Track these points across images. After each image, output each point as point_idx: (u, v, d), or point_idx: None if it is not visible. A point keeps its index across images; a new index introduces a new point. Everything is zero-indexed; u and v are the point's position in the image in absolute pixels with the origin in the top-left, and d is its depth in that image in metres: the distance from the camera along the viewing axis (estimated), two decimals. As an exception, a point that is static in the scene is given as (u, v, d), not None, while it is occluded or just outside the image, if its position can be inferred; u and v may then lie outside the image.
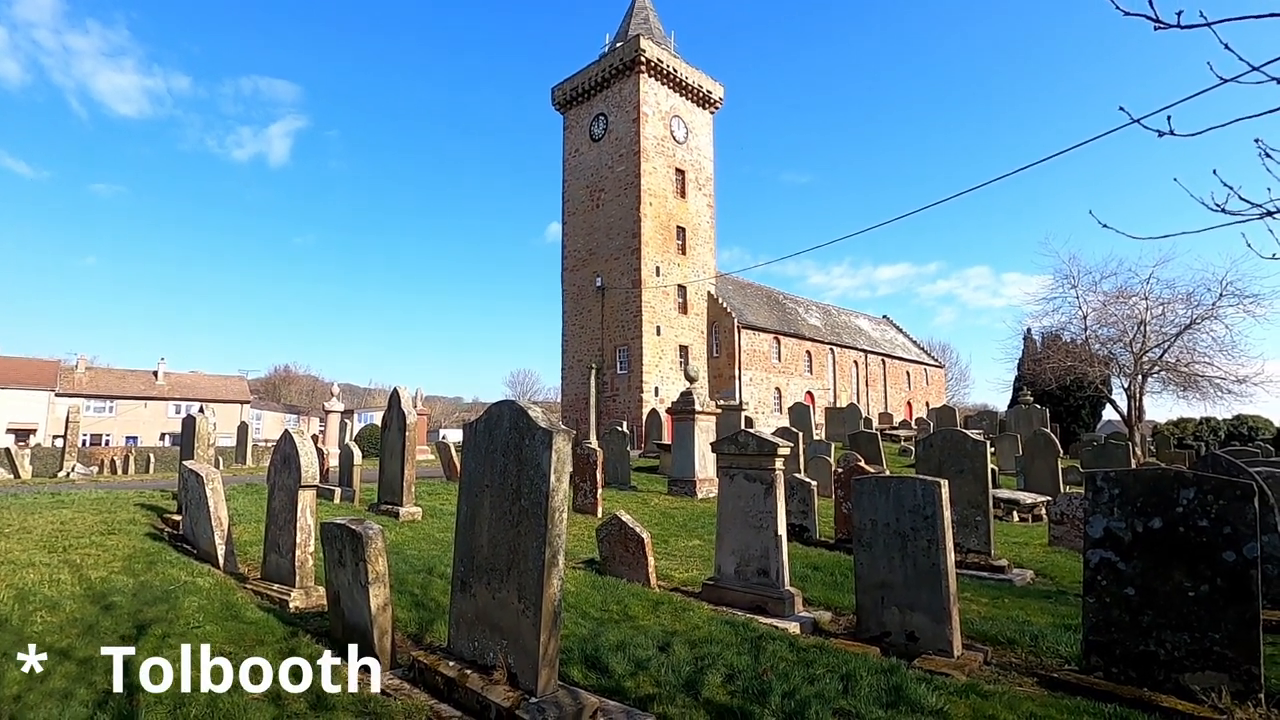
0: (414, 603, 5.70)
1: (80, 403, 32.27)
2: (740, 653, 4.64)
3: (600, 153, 40.99)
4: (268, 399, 75.52)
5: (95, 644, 4.51)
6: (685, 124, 41.71)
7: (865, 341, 53.77)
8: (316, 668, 4.25)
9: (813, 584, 7.01)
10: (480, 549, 3.97)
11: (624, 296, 38.79)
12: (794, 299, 52.78)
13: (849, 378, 50.00)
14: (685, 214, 41.14)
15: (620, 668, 4.38)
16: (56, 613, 5.08)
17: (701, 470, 14.42)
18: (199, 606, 5.29)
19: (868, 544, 5.41)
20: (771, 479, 6.16)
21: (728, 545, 6.40)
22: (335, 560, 4.71)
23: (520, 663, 3.64)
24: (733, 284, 45.88)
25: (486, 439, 4.03)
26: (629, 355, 38.65)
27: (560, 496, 3.63)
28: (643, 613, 5.65)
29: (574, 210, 42.38)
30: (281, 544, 6.11)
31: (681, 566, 7.84)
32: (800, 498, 9.99)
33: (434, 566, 6.78)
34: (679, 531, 10.21)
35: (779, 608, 5.86)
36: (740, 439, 6.40)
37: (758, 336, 42.44)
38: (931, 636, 4.98)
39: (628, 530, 6.91)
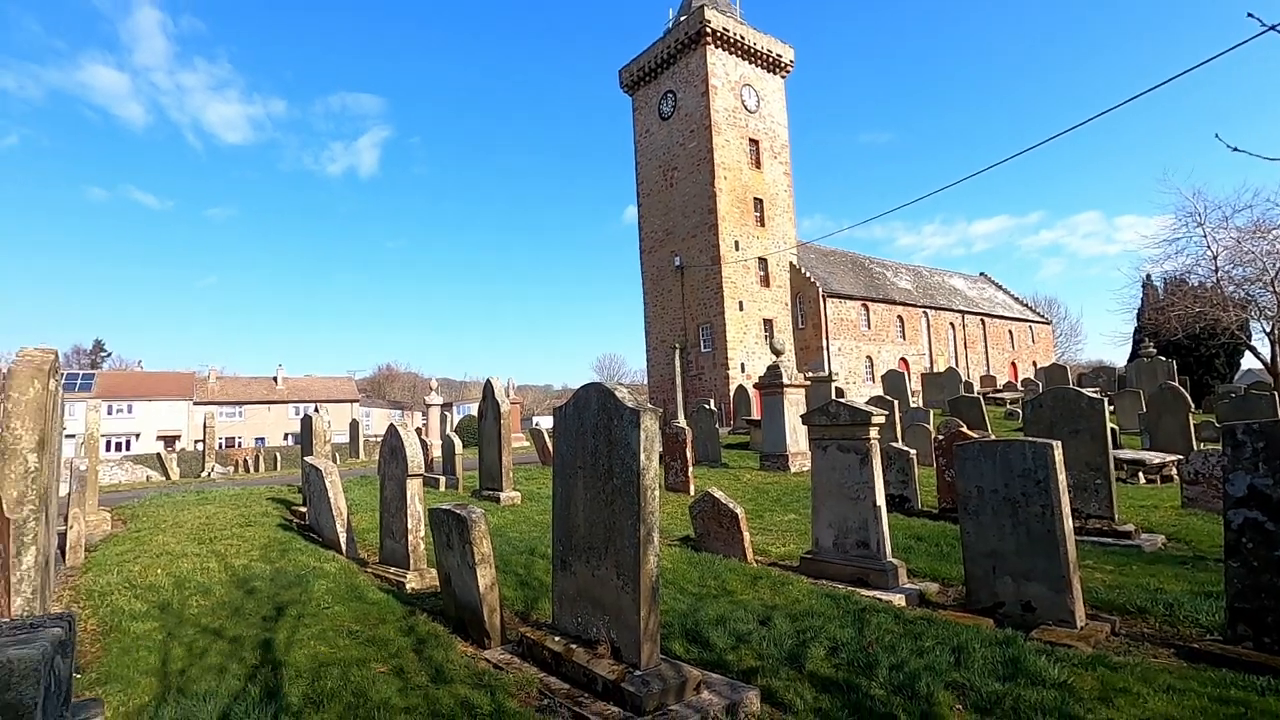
0: (519, 582, 5.95)
1: (214, 410, 35.47)
2: (843, 625, 4.56)
3: (671, 131, 40.60)
4: (374, 397, 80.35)
5: (242, 624, 4.99)
6: (756, 92, 40.61)
7: (961, 302, 50.95)
8: (434, 643, 4.53)
9: (916, 555, 6.78)
10: (577, 528, 4.08)
11: (704, 274, 38.48)
12: (881, 263, 50.66)
13: (945, 341, 47.62)
14: (761, 185, 40.20)
15: (721, 642, 4.41)
16: (208, 597, 5.64)
17: (793, 444, 14.19)
18: (327, 589, 5.73)
19: (974, 512, 5.16)
20: (867, 449, 5.98)
21: (824, 518, 6.28)
22: (444, 543, 4.98)
23: (622, 637, 3.73)
24: (815, 253, 44.55)
25: (576, 421, 4.12)
26: (712, 333, 38.38)
27: (651, 474, 3.67)
28: (741, 588, 5.64)
29: (648, 191, 42.30)
30: (395, 530, 6.51)
31: (778, 541, 7.76)
32: (899, 467, 9.65)
33: (535, 548, 7.03)
34: (773, 506, 10.11)
35: (881, 580, 5.71)
36: (832, 409, 6.24)
37: (844, 305, 41.09)
38: (1050, 607, 4.71)
39: (721, 506, 6.91)
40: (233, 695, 3.77)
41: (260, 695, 3.77)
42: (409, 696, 3.75)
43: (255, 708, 3.59)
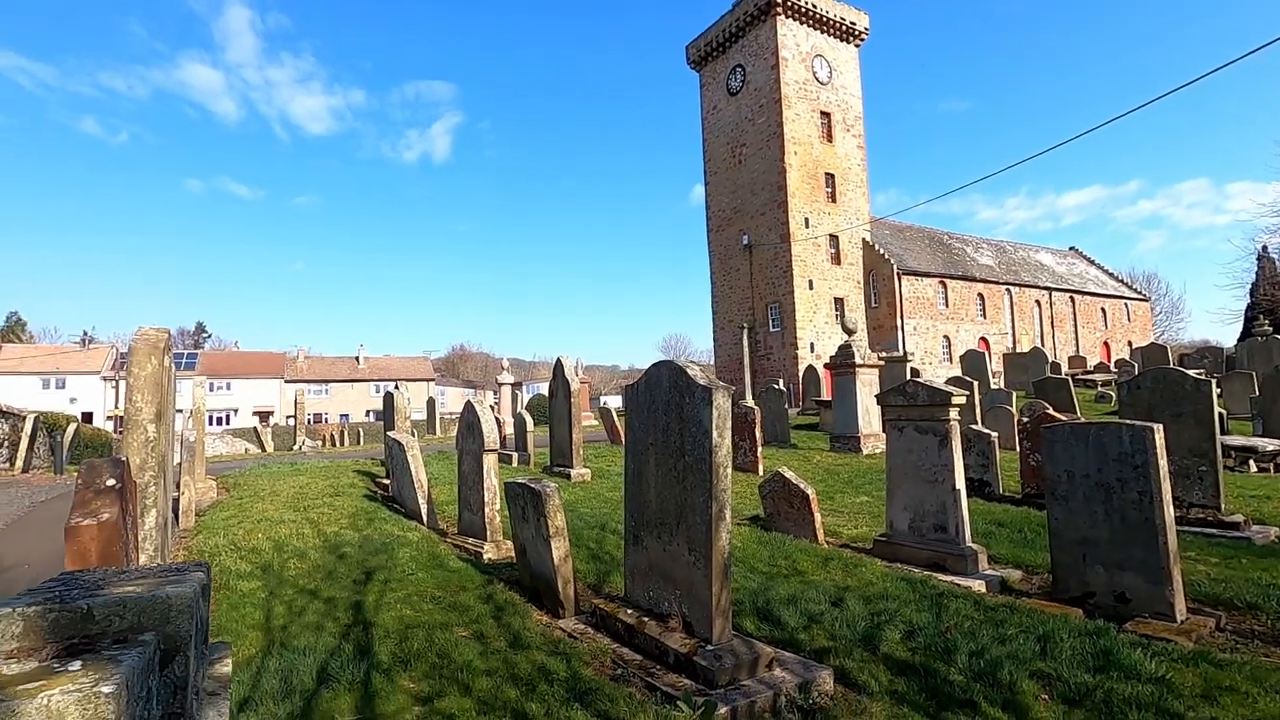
0: (590, 555, 6.09)
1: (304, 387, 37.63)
2: (920, 610, 4.46)
3: (739, 106, 39.79)
4: (448, 376, 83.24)
5: (335, 586, 5.32)
6: (828, 62, 39.22)
7: (1048, 278, 48.10)
8: (511, 611, 4.71)
9: (997, 541, 6.52)
10: (649, 504, 4.13)
11: (772, 252, 37.77)
12: (961, 238, 48.35)
13: (1030, 319, 45.16)
14: (833, 159, 38.95)
15: (792, 620, 4.39)
16: (304, 560, 6.04)
17: (865, 425, 13.85)
18: (410, 557, 6.03)
19: (1063, 497, 4.92)
20: (946, 430, 5.77)
21: (899, 500, 6.12)
22: (519, 516, 5.14)
23: (694, 612, 3.77)
24: (889, 229, 42.93)
25: (648, 399, 4.15)
26: (781, 312, 37.72)
27: (724, 452, 3.67)
28: (812, 568, 5.59)
29: (716, 169, 41.70)
30: (472, 502, 6.77)
31: (850, 523, 7.63)
32: (979, 450, 9.27)
33: (606, 523, 7.16)
34: (844, 488, 9.93)
35: (960, 565, 5.53)
36: (909, 389, 6.05)
37: (920, 282, 39.51)
38: (1146, 598, 4.46)
39: (792, 487, 6.84)
40: (329, 651, 4.04)
41: (353, 652, 4.02)
42: (489, 660, 3.92)
43: (350, 663, 3.84)
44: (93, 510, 2.40)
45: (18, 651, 1.01)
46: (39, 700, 0.87)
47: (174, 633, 1.14)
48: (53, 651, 1.00)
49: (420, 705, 3.43)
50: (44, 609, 1.07)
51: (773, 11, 37.06)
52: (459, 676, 3.69)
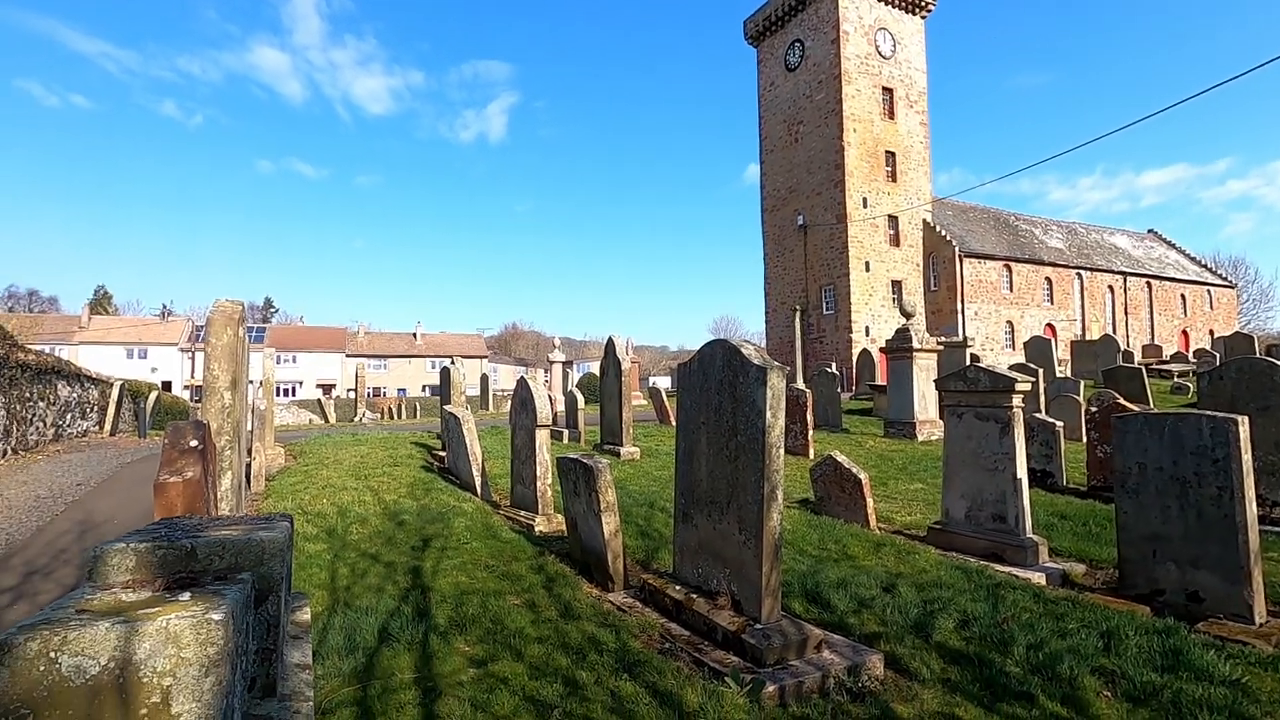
0: (639, 532, 6.16)
1: (364, 362, 38.95)
2: (975, 599, 4.36)
3: (797, 82, 38.79)
4: (501, 353, 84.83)
5: (394, 552, 5.54)
6: (892, 35, 37.78)
7: (1123, 262, 45.62)
8: (562, 583, 4.81)
9: (1059, 534, 6.30)
10: (699, 483, 4.14)
11: (828, 233, 36.93)
12: (1029, 219, 46.23)
13: (1101, 305, 43.02)
14: (894, 137, 37.66)
15: (842, 604, 4.36)
16: (365, 526, 6.30)
17: (921, 411, 13.50)
18: (465, 526, 6.22)
19: (1133, 490, 4.71)
20: (1008, 417, 5.58)
21: (956, 488, 5.97)
22: (571, 491, 5.23)
23: (743, 591, 3.78)
24: (952, 209, 41.37)
25: (700, 378, 4.14)
26: (835, 294, 36.95)
27: (777, 432, 3.64)
28: (863, 553, 5.52)
29: (771, 148, 40.88)
30: (525, 476, 6.92)
31: (903, 510, 7.49)
32: (1042, 440, 8.94)
33: (655, 501, 7.22)
34: (898, 474, 9.73)
35: (1019, 556, 5.37)
36: (970, 374, 5.86)
37: (983, 265, 38.05)
38: (1222, 598, 4.24)
39: (844, 471, 6.75)
40: (389, 612, 4.22)
41: (412, 614, 4.19)
42: (541, 628, 4.02)
43: (409, 624, 4.00)
44: (178, 469, 2.56)
45: (132, 582, 1.11)
46: (159, 623, 0.97)
47: (267, 574, 1.23)
48: (163, 584, 1.10)
49: (475, 668, 3.55)
50: (153, 545, 1.17)
51: (835, -17, 35.84)
52: (512, 643, 3.81)
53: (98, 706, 0.91)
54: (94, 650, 0.91)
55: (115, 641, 0.93)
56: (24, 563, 6.13)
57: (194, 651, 0.94)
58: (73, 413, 17.22)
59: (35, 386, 14.39)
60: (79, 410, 17.79)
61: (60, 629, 0.92)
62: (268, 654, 1.23)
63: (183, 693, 0.96)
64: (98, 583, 1.12)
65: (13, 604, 5.10)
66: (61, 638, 0.91)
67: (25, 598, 5.22)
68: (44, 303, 79.24)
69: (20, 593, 5.34)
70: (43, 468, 11.70)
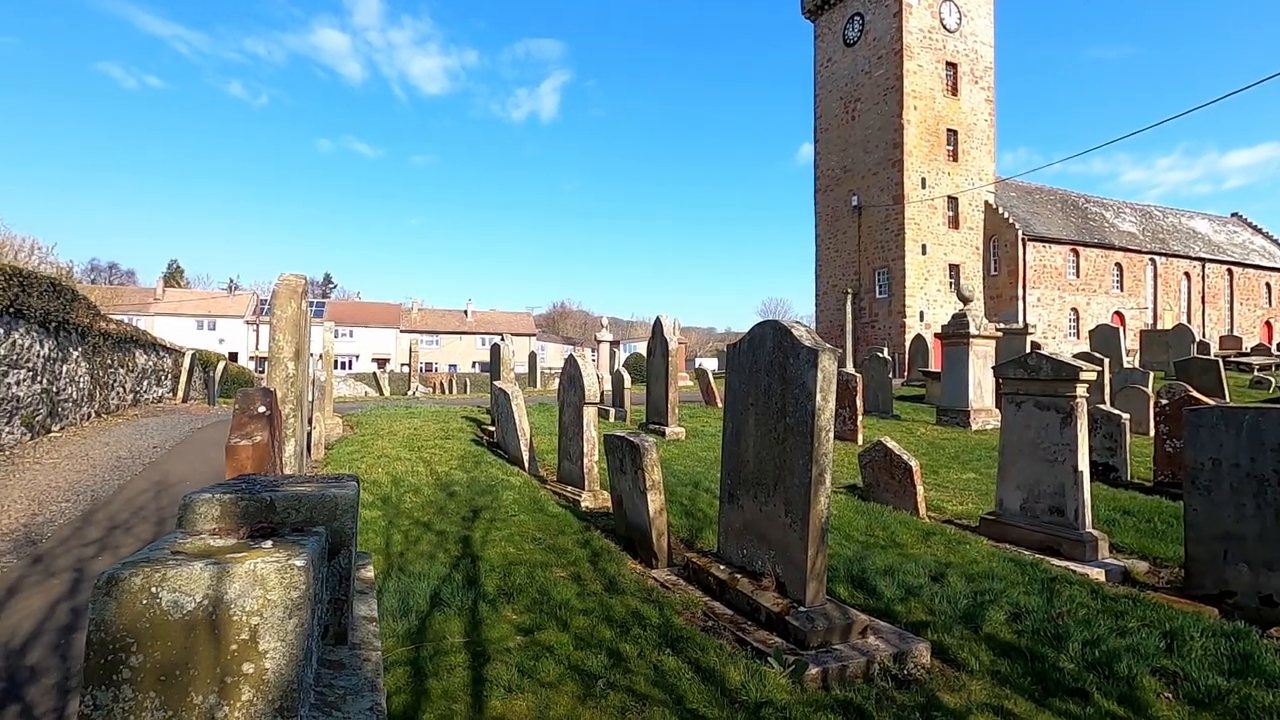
0: (683, 511, 6.19)
1: (417, 337, 40.02)
2: (1028, 593, 4.24)
3: (855, 58, 37.57)
4: (549, 332, 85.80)
5: (445, 521, 5.71)
6: (958, 7, 36.16)
7: (1202, 247, 43.02)
8: (606, 558, 4.89)
9: (1121, 529, 6.06)
10: (746, 464, 4.13)
11: (883, 214, 35.89)
12: (1099, 202, 43.95)
13: (1176, 293, 40.75)
14: (957, 114, 36.20)
15: (889, 591, 4.30)
16: (418, 496, 6.51)
17: (976, 399, 13.10)
18: (513, 499, 6.36)
19: (1205, 487, 4.49)
20: (1070, 407, 5.37)
21: (1012, 478, 5.79)
22: (617, 468, 5.28)
23: (788, 573, 3.77)
24: (1016, 190, 39.64)
25: (750, 358, 4.11)
26: (889, 277, 35.99)
27: (826, 415, 3.60)
28: (911, 541, 5.43)
29: (826, 126, 39.82)
30: (572, 452, 7.02)
31: (954, 499, 7.32)
32: (1105, 432, 8.58)
33: (699, 481, 7.24)
34: (950, 463, 9.50)
35: (1077, 551, 5.20)
36: (1031, 361, 5.65)
37: (1048, 249, 36.44)
38: (1299, 604, 4.03)
39: (894, 457, 6.62)
40: (440, 579, 4.37)
41: (462, 581, 4.33)
42: (585, 600, 4.11)
43: (459, 591, 4.14)
44: (247, 433, 2.70)
45: (218, 530, 1.20)
46: (246, 566, 1.05)
47: (339, 529, 1.31)
48: (246, 533, 1.18)
49: (522, 635, 3.65)
50: (236, 497, 1.26)
51: (899, -48, 34.42)
52: (557, 613, 3.90)
53: (193, 640, 0.98)
54: (190, 587, 0.99)
55: (209, 580, 1.00)
56: (107, 518, 6.57)
57: (279, 594, 1.01)
58: (149, 379, 18.23)
59: (116, 354, 15.26)
60: (154, 377, 18.81)
61: (160, 566, 1.00)
62: (339, 604, 1.31)
63: (269, 632, 1.03)
64: (187, 529, 1.21)
65: (97, 555, 5.47)
66: (161, 574, 0.99)
67: (109, 549, 5.60)
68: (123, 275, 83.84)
69: (104, 545, 5.73)
70: (122, 430, 12.45)
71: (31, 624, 4.19)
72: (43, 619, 4.26)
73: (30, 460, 9.26)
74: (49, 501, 7.16)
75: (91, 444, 10.76)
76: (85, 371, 13.18)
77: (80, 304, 13.09)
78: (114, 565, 1.02)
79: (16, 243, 27.29)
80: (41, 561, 5.33)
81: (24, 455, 9.54)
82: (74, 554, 5.50)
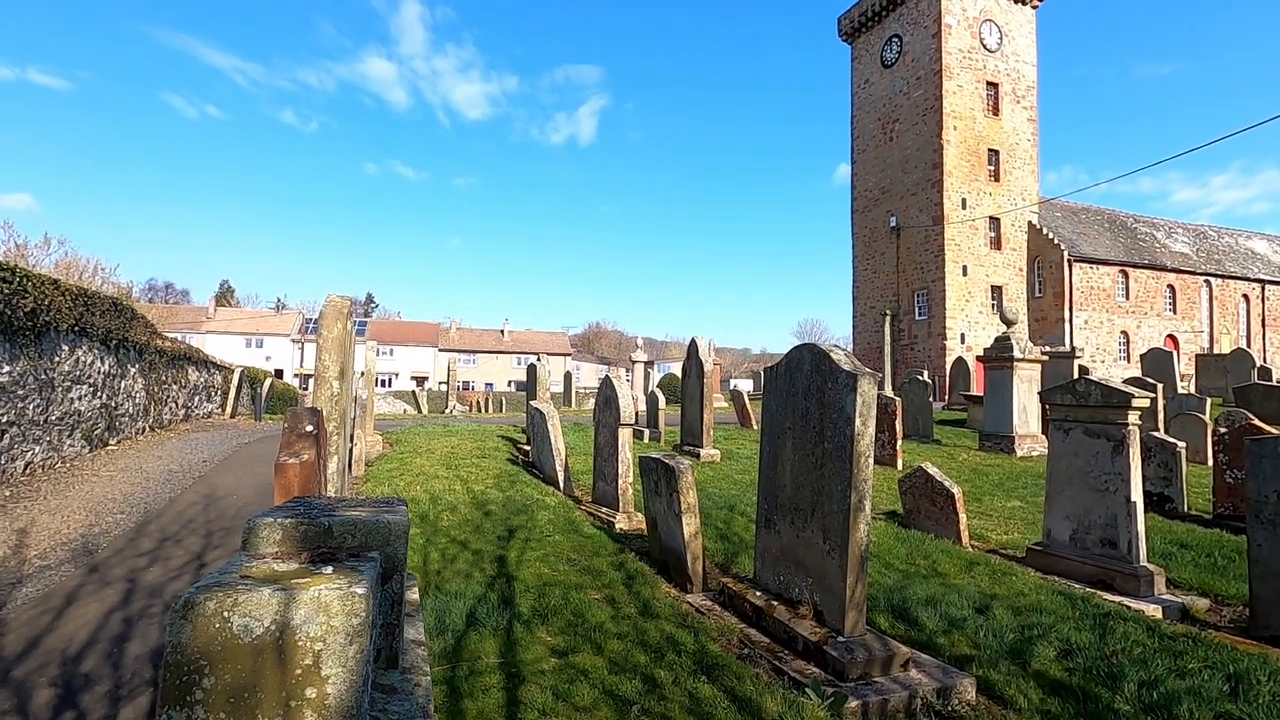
0: (719, 535, 6.13)
1: (455, 356, 40.63)
2: (1079, 628, 4.08)
3: (893, 79, 37.41)
4: (584, 351, 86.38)
5: (481, 540, 5.76)
6: (998, 27, 35.80)
7: (1261, 268, 41.31)
8: (641, 581, 4.86)
9: (1179, 564, 5.79)
10: (783, 489, 4.08)
11: (922, 235, 35.41)
12: (1149, 221, 42.64)
13: (1234, 317, 39.13)
14: (998, 134, 35.66)
15: (931, 623, 4.18)
16: (455, 514, 6.58)
17: (1021, 425, 12.73)
18: (549, 520, 6.38)
19: (1270, 521, 4.27)
20: (1122, 435, 5.18)
21: (1060, 508, 5.60)
22: (652, 490, 5.27)
23: (826, 601, 3.70)
24: (1061, 210, 38.75)
25: (787, 382, 4.08)
26: (929, 299, 35.38)
27: (866, 441, 3.54)
28: (954, 571, 5.28)
29: (864, 147, 39.62)
30: (607, 473, 7.03)
31: (998, 528, 7.09)
32: (1160, 461, 8.24)
33: (735, 504, 7.17)
34: (994, 490, 9.22)
35: (1131, 585, 4.98)
36: (1079, 387, 5.49)
37: (1095, 270, 35.42)
38: (1376, 648, 3.78)
39: (935, 484, 6.47)
40: (476, 598, 4.39)
41: (497, 601, 4.35)
42: (620, 624, 4.08)
43: (495, 611, 4.16)
44: (295, 451, 2.78)
45: (280, 554, 1.25)
46: (312, 592, 1.10)
47: (392, 554, 1.35)
48: (307, 557, 1.22)
49: (556, 658, 3.65)
50: (297, 521, 1.31)
51: (937, -26, 34.31)
52: (592, 636, 3.89)
53: (260, 663, 1.02)
54: (259, 613, 1.03)
55: (277, 606, 1.04)
56: (159, 529, 6.79)
57: (341, 621, 1.05)
58: (200, 395, 18.89)
59: (170, 371, 15.88)
60: (205, 393, 19.49)
61: (232, 591, 1.04)
62: (391, 629, 1.34)
63: (331, 657, 1.07)
64: (250, 552, 1.26)
65: (149, 566, 5.66)
66: (234, 599, 1.03)
67: (159, 561, 5.79)
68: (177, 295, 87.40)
69: (155, 556, 5.92)
70: (174, 444, 12.90)
71: (87, 632, 4.34)
72: (97, 628, 4.42)
73: (89, 472, 9.66)
74: (105, 513, 7.44)
75: (145, 457, 11.17)
76: (141, 387, 13.74)
77: (139, 323, 13.69)
78: (189, 589, 1.07)
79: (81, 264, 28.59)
80: (97, 571, 5.53)
81: (83, 467, 9.96)
82: (127, 564, 5.69)
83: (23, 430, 8.91)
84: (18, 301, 8.63)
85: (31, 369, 9.15)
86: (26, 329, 8.98)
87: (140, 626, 4.41)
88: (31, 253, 25.82)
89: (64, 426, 10.15)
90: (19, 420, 8.80)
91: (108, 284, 26.95)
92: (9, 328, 8.55)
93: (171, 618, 1.04)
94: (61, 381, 10.06)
